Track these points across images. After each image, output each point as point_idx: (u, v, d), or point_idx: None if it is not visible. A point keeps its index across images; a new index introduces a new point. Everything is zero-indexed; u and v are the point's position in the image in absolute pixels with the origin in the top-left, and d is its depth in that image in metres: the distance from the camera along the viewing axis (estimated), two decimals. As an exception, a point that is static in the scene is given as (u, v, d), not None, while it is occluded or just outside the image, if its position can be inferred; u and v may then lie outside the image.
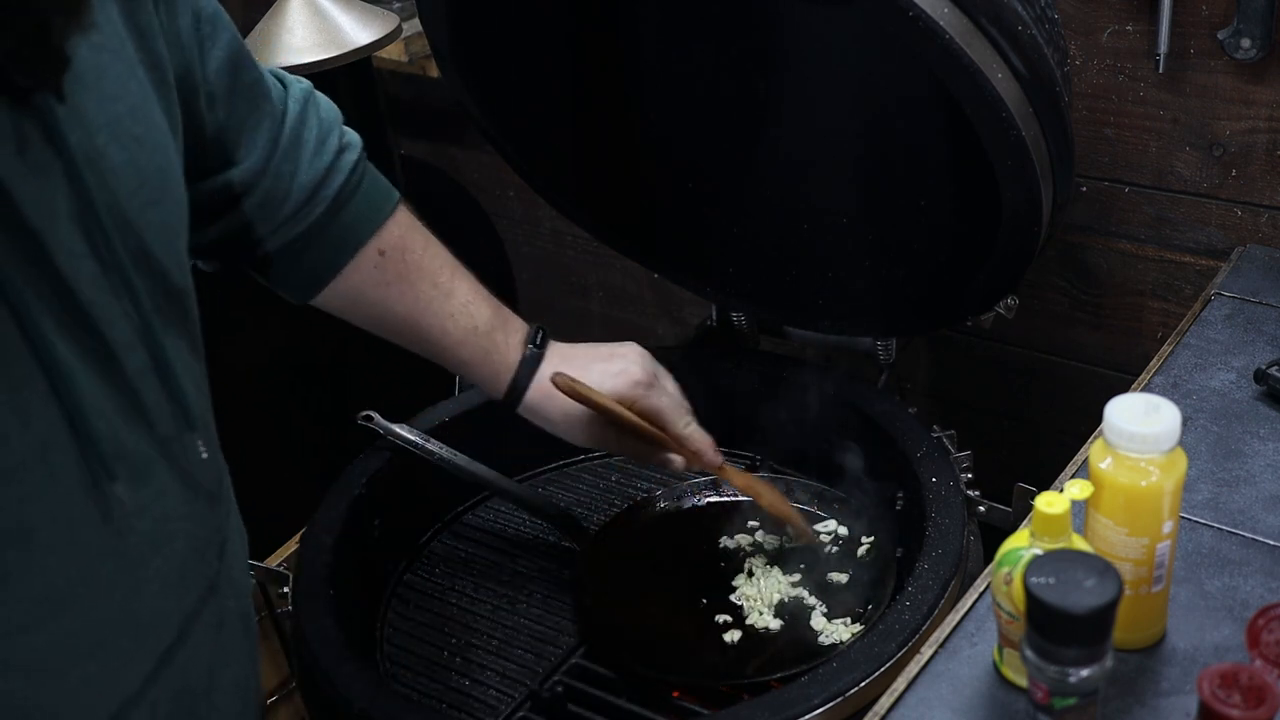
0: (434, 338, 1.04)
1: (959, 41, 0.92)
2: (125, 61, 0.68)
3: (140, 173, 0.67)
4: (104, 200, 0.63)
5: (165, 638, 0.71)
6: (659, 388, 1.08)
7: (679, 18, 1.29)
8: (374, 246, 0.99)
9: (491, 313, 1.06)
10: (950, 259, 1.21)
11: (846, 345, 1.39)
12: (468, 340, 1.04)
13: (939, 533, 1.06)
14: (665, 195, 1.40)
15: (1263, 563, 0.88)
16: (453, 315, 1.03)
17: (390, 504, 1.23)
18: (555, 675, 1.09)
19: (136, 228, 0.66)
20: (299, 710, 1.33)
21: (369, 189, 0.99)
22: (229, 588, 0.78)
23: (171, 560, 0.70)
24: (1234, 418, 1.03)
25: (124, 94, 0.67)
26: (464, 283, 1.05)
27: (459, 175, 1.91)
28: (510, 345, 1.06)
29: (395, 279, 1.01)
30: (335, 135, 0.96)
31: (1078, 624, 0.66)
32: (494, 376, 1.07)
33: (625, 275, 1.89)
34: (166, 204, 0.70)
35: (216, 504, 0.76)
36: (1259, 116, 1.24)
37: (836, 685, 0.93)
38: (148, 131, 0.68)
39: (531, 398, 1.07)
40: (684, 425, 1.08)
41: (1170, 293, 1.39)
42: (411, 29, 1.60)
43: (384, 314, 1.03)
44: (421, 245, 1.03)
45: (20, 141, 0.59)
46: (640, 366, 1.07)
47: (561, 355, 1.08)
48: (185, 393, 0.70)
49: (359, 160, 0.98)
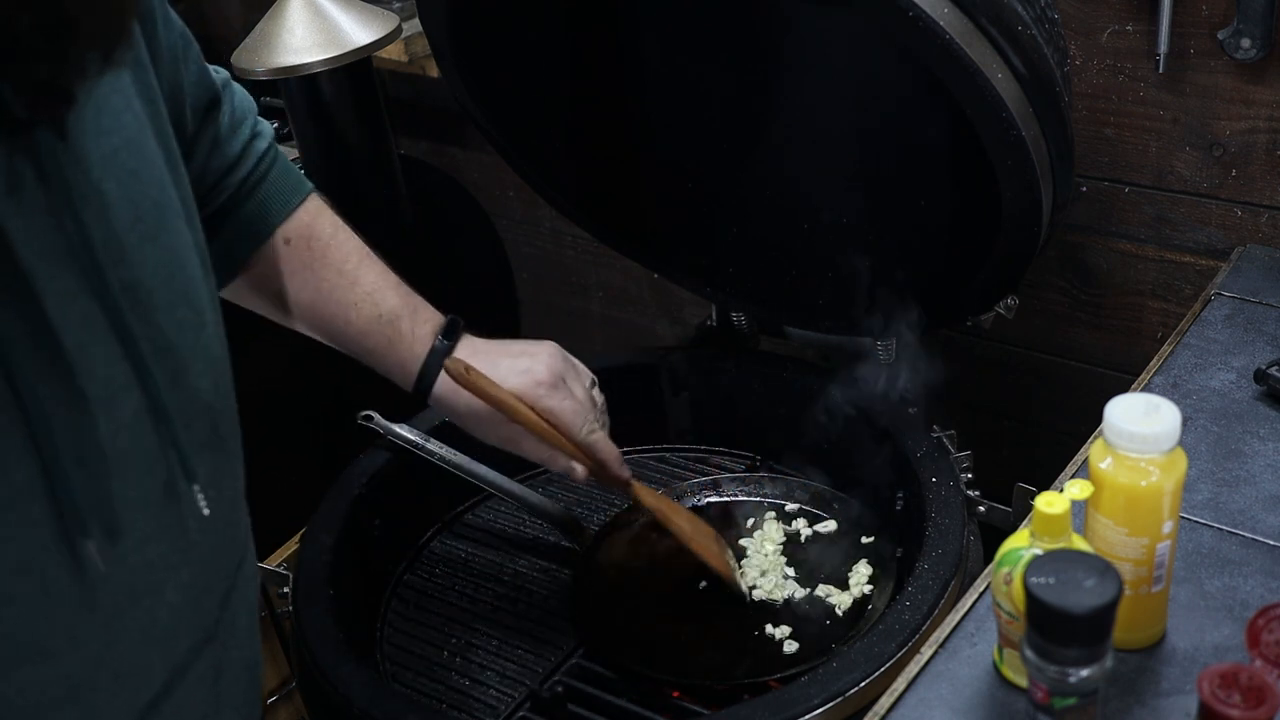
0: (339, 326, 1.02)
1: (959, 41, 0.92)
2: (122, 94, 0.67)
3: (135, 206, 0.65)
4: (100, 236, 0.62)
5: (147, 690, 0.68)
6: (564, 390, 1.04)
7: (679, 18, 1.29)
8: (280, 235, 0.98)
9: (399, 301, 1.02)
10: (950, 259, 1.21)
11: (846, 345, 1.39)
12: (372, 329, 1.01)
13: (939, 533, 1.06)
14: (665, 195, 1.40)
15: (1263, 563, 0.88)
16: (356, 303, 1.01)
17: (390, 504, 1.24)
18: (555, 675, 1.09)
19: (133, 263, 0.65)
20: (299, 710, 1.33)
21: (278, 177, 0.97)
22: (231, 637, 0.75)
23: (155, 611, 0.67)
24: (1234, 418, 1.03)
25: (119, 128, 0.66)
26: (371, 271, 1.02)
27: (459, 175, 1.91)
28: (418, 335, 1.03)
29: (300, 267, 0.99)
30: (248, 125, 0.95)
31: (1078, 624, 0.66)
32: (400, 366, 1.03)
33: (625, 275, 1.89)
34: (166, 237, 0.68)
35: (222, 552, 0.74)
36: (1259, 116, 1.24)
37: (836, 685, 0.93)
38: (143, 165, 0.67)
39: (439, 390, 1.03)
40: (585, 432, 1.05)
41: (1170, 293, 1.39)
42: (411, 29, 1.59)
43: (290, 303, 1.00)
44: (329, 233, 1.00)
45: (12, 178, 0.58)
46: (546, 366, 1.04)
47: (472, 348, 1.04)
48: (181, 442, 0.67)
49: (269, 149, 0.97)
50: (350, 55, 1.34)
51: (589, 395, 1.07)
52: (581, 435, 1.05)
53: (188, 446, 0.68)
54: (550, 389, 1.03)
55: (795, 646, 1.09)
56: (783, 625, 1.11)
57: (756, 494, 1.29)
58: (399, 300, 1.03)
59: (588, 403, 1.07)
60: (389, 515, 1.24)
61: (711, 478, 1.31)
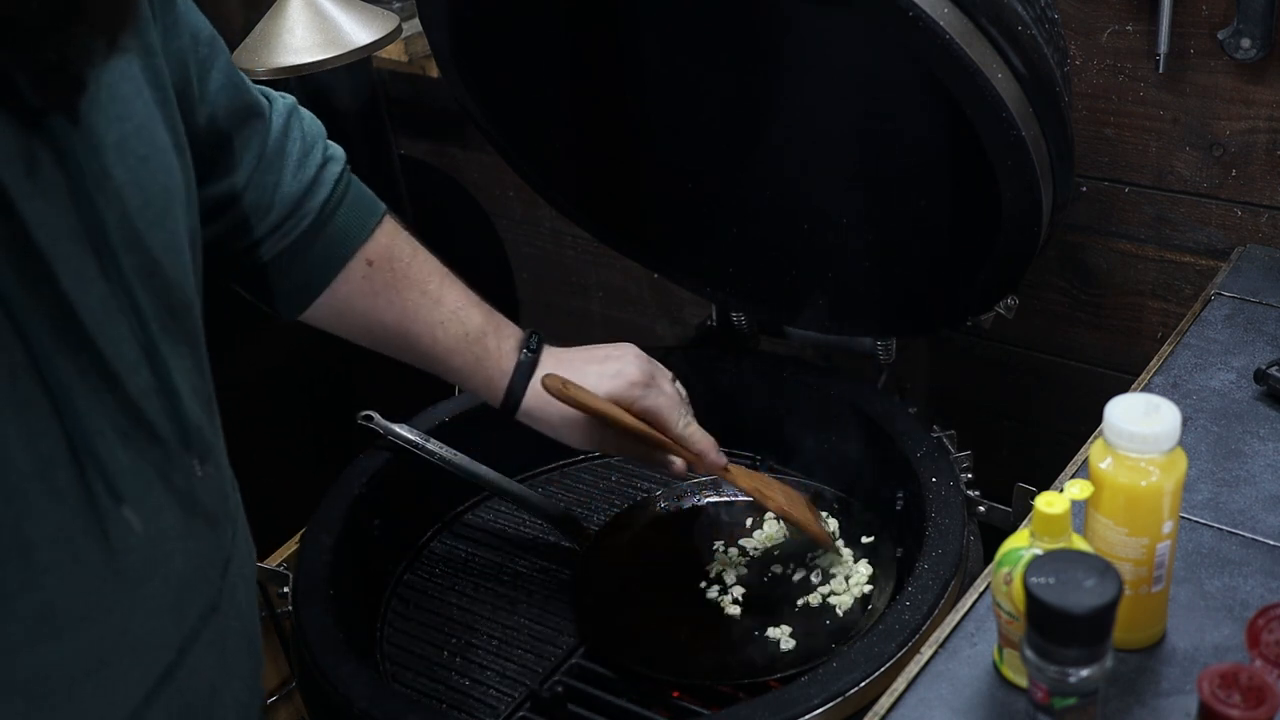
0: (425, 346, 1.03)
1: (959, 41, 0.92)
2: (132, 81, 0.68)
3: (144, 191, 0.67)
4: (112, 220, 0.64)
5: (164, 657, 0.70)
6: (656, 388, 1.07)
7: (679, 18, 1.29)
8: (362, 257, 0.99)
9: (483, 319, 1.04)
10: (950, 259, 1.21)
11: (846, 345, 1.39)
12: (459, 347, 1.03)
13: (939, 533, 1.06)
14: (665, 195, 1.40)
15: (1263, 563, 0.88)
16: (443, 322, 1.02)
17: (390, 504, 1.24)
18: (555, 675, 1.09)
19: (144, 246, 0.67)
20: (299, 710, 1.33)
21: (354, 201, 0.99)
22: (231, 608, 0.77)
23: (169, 580, 0.70)
24: (1234, 418, 1.03)
25: (131, 114, 0.67)
26: (454, 289, 1.04)
27: (459, 175, 1.91)
28: (504, 351, 1.05)
29: (383, 288, 1.00)
30: (319, 149, 0.96)
31: (1078, 624, 0.66)
32: (488, 383, 1.05)
33: (625, 275, 1.89)
34: (171, 222, 0.70)
35: (219, 524, 0.75)
36: (1259, 116, 1.24)
37: (836, 685, 0.93)
38: (153, 151, 0.69)
39: (529, 403, 1.06)
40: (683, 426, 1.07)
41: (1170, 293, 1.39)
42: (411, 29, 1.60)
43: (374, 324, 1.02)
44: (409, 254, 1.02)
45: (30, 163, 0.59)
46: (636, 367, 1.06)
47: (557, 359, 1.06)
48: (188, 413, 0.70)
49: (343, 173, 0.98)
50: (350, 55, 1.34)
51: (675, 389, 1.10)
52: (679, 429, 1.07)
53: (188, 419, 0.70)
54: (644, 389, 1.05)
55: (794, 646, 1.09)
56: (782, 625, 1.11)
57: (756, 494, 1.28)
58: (483, 318, 1.04)
59: (678, 396, 1.09)
60: (389, 515, 1.24)
61: (712, 477, 1.30)
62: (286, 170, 0.94)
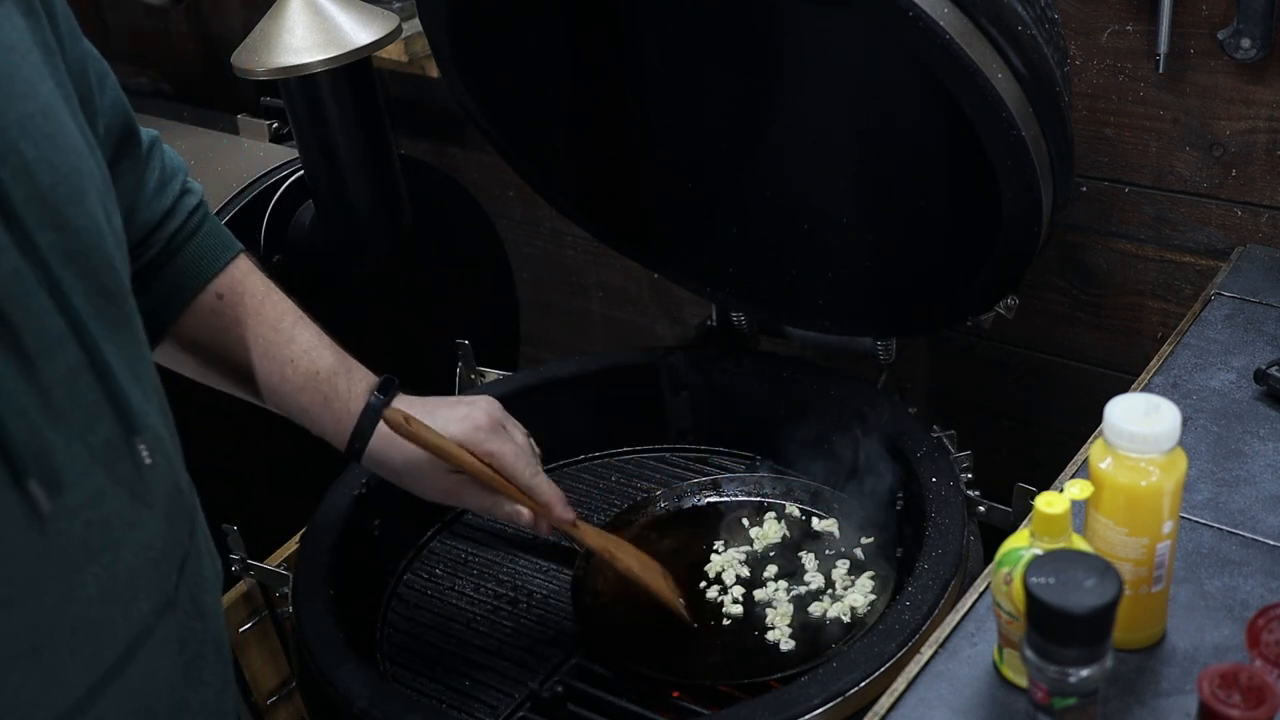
0: (274, 383, 1.01)
1: (959, 41, 0.92)
2: (34, 67, 0.68)
3: (54, 171, 0.66)
4: (20, 194, 0.63)
5: (110, 650, 0.69)
6: (503, 434, 1.05)
7: (679, 18, 1.29)
8: (212, 290, 0.98)
9: (335, 360, 1.03)
10: (950, 259, 1.21)
11: (846, 345, 1.39)
12: (308, 385, 1.01)
13: (939, 533, 1.06)
14: (665, 195, 1.40)
15: (1263, 563, 0.88)
16: (293, 360, 1.01)
17: (390, 504, 1.23)
18: (555, 675, 1.09)
19: (61, 223, 0.66)
20: (299, 710, 1.33)
21: (209, 234, 0.98)
22: (193, 608, 0.76)
23: (114, 569, 0.69)
24: (1234, 418, 1.03)
25: (34, 95, 0.67)
26: (307, 330, 1.02)
27: (459, 175, 1.91)
28: (354, 393, 1.03)
29: (233, 323, 0.99)
30: (177, 181, 0.96)
31: (1078, 624, 0.66)
32: (335, 424, 1.03)
33: (625, 275, 1.89)
34: (89, 205, 0.69)
35: (174, 520, 0.75)
36: (1259, 116, 1.24)
37: (836, 685, 0.93)
38: (61, 133, 0.68)
39: (374, 446, 1.03)
40: (530, 475, 1.06)
41: (1170, 293, 1.39)
42: (411, 29, 1.59)
43: (224, 359, 1.00)
44: (263, 291, 1.01)
45: None
46: (486, 414, 1.05)
47: (409, 403, 1.04)
48: (127, 396, 0.69)
49: (199, 206, 0.98)
50: (350, 55, 1.34)
51: (528, 441, 1.09)
52: (526, 477, 1.05)
53: (127, 401, 0.69)
54: (490, 433, 1.04)
55: (794, 646, 1.09)
56: (782, 625, 1.11)
57: (756, 494, 1.29)
58: (335, 359, 1.03)
59: (527, 446, 1.08)
60: (389, 515, 1.24)
61: (711, 478, 1.31)
62: (143, 196, 0.93)
